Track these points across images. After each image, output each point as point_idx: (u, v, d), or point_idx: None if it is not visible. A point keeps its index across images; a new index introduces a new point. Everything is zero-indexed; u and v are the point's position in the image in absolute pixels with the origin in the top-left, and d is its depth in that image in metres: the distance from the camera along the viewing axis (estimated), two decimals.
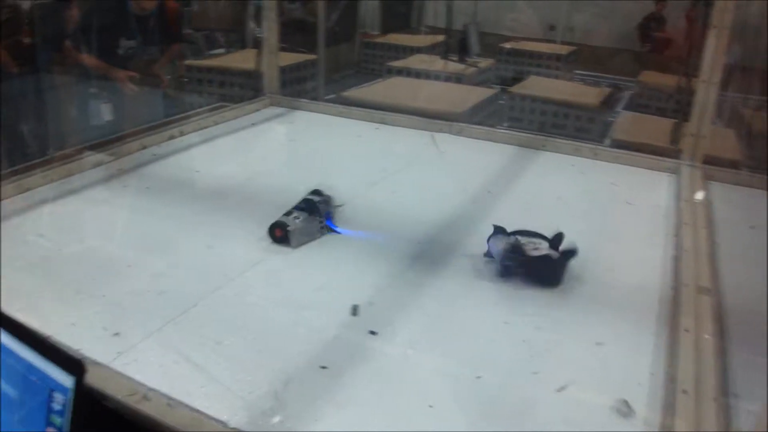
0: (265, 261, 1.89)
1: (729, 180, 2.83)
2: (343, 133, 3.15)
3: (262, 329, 1.58)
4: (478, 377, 1.46)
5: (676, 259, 2.04)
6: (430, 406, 1.36)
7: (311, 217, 2.03)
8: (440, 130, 3.21)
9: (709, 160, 2.92)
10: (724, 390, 1.46)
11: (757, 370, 1.63)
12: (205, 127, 3.00)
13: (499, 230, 1.95)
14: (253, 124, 3.15)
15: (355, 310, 1.67)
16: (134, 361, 1.42)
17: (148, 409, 1.27)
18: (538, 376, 1.48)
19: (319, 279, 1.82)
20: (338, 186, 2.41)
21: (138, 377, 1.36)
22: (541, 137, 3.17)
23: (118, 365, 1.40)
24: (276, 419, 1.30)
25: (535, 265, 1.83)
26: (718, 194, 2.63)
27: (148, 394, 1.30)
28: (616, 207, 2.51)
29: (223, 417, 1.27)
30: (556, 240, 1.93)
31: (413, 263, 1.94)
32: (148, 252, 1.91)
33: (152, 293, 1.69)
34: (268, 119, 3.24)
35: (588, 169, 2.91)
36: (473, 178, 2.65)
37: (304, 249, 1.98)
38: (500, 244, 1.88)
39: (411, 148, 2.98)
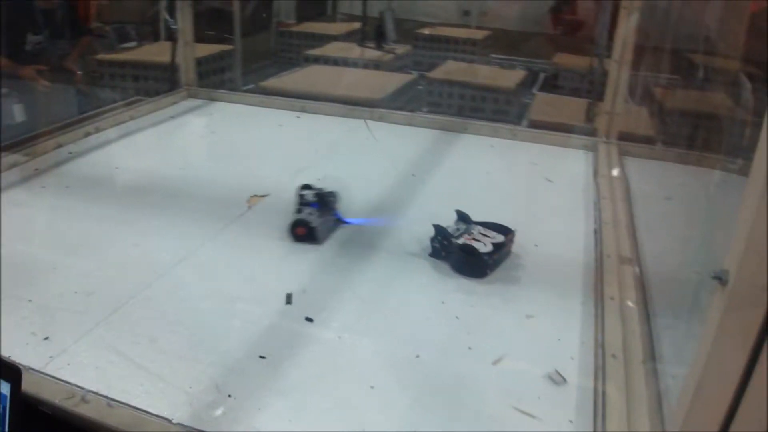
0: (194, 255, 1.85)
1: (643, 155, 2.95)
2: (264, 123, 3.12)
3: (196, 323, 1.55)
4: (417, 356, 1.48)
5: (598, 232, 2.12)
6: (372, 387, 1.38)
7: (324, 210, 2.00)
8: (361, 117, 3.23)
9: (624, 137, 3.03)
10: (651, 354, 1.53)
11: (678, 333, 1.71)
12: (122, 122, 2.91)
13: (462, 216, 1.96)
14: (171, 118, 3.09)
15: (288, 299, 1.66)
16: (67, 364, 1.38)
17: (87, 411, 1.24)
18: (474, 351, 1.52)
19: (250, 270, 1.80)
20: (263, 175, 2.41)
21: (73, 380, 1.32)
22: (461, 120, 3.21)
23: (51, 370, 1.35)
24: (219, 411, 1.28)
25: (457, 253, 1.85)
26: (633, 169, 2.74)
27: (86, 396, 1.27)
28: (537, 184, 2.57)
29: (166, 414, 1.25)
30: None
31: (343, 249, 1.95)
32: (72, 253, 1.85)
33: (80, 294, 1.64)
34: (186, 112, 3.18)
35: (508, 149, 2.98)
36: (397, 162, 2.67)
37: (231, 240, 1.96)
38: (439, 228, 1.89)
39: (333, 136, 2.98)
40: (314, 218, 1.95)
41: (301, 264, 1.84)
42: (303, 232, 1.94)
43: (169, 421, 1.24)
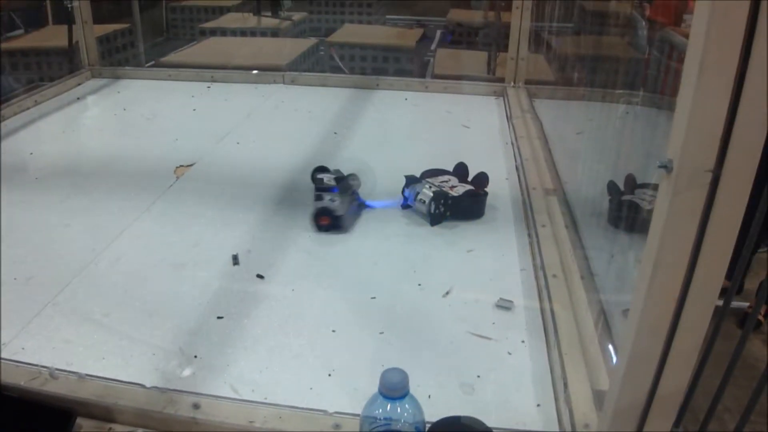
0: (131, 228, 1.85)
1: (551, 96, 3.08)
2: (175, 96, 3.07)
3: (147, 293, 1.56)
4: (372, 298, 1.55)
5: (520, 168, 2.23)
6: (333, 331, 1.43)
7: (345, 195, 1.88)
8: (273, 81, 3.23)
9: (530, 83, 3.16)
10: (588, 269, 1.64)
11: (603, 251, 1.84)
12: (27, 109, 2.81)
13: (410, 179, 1.99)
14: (78, 99, 3.00)
15: (235, 260, 1.69)
16: (21, 349, 1.36)
17: (56, 388, 1.23)
18: (424, 287, 1.60)
19: (190, 237, 1.81)
20: (184, 147, 2.40)
21: (33, 362, 1.31)
22: (373, 77, 3.26)
23: (6, 355, 1.33)
24: (188, 372, 1.31)
25: (461, 203, 1.91)
26: (543, 110, 2.86)
27: (54, 373, 1.26)
28: (455, 131, 2.67)
29: (137, 380, 1.26)
30: (461, 172, 2.04)
31: (279, 208, 1.99)
32: (2, 241, 1.80)
33: (19, 281, 1.60)
34: (92, 92, 3.10)
35: (421, 101, 3.06)
36: (316, 122, 2.71)
37: (167, 210, 1.96)
38: (422, 194, 1.92)
39: (247, 102, 2.97)
40: (338, 205, 1.84)
41: (240, 226, 1.86)
42: (327, 222, 1.83)
43: (143, 386, 1.25)
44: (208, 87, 3.18)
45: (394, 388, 0.91)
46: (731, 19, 0.69)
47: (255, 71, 3.28)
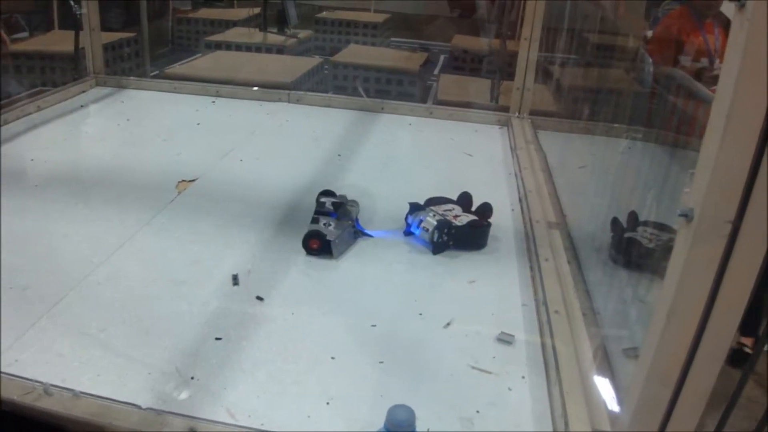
0: (131, 242, 1.83)
1: (555, 128, 3.10)
2: (179, 109, 3.07)
3: (144, 310, 1.54)
4: (373, 326, 1.53)
5: (523, 200, 2.23)
6: (333, 358, 1.42)
7: (342, 221, 1.87)
8: (279, 99, 3.24)
9: (535, 113, 3.17)
10: (590, 306, 1.64)
11: (606, 287, 1.84)
12: (29, 114, 2.81)
13: (414, 206, 1.99)
14: (81, 107, 2.99)
15: (235, 280, 1.68)
16: (15, 361, 1.34)
17: (50, 405, 1.21)
18: (425, 317, 1.59)
19: (191, 253, 1.80)
20: (187, 161, 2.39)
21: (27, 376, 1.29)
22: (378, 100, 3.27)
23: None
24: (185, 395, 1.29)
25: (465, 233, 1.91)
26: (547, 141, 2.87)
27: (48, 389, 1.25)
28: (457, 159, 2.67)
29: (133, 399, 1.25)
30: (465, 201, 2.04)
31: (282, 228, 1.98)
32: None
33: (15, 290, 1.58)
34: (96, 100, 3.09)
35: (425, 127, 3.07)
36: (320, 143, 2.71)
37: (168, 225, 1.95)
38: (425, 222, 1.92)
39: (252, 119, 2.97)
40: (331, 230, 1.82)
41: (241, 245, 1.85)
42: (317, 245, 1.81)
43: (138, 407, 1.24)
44: (213, 101, 3.18)
45: (401, 426, 0.90)
46: (760, 69, 0.69)
47: (256, 88, 3.28)
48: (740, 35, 0.70)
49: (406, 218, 1.99)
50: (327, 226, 1.84)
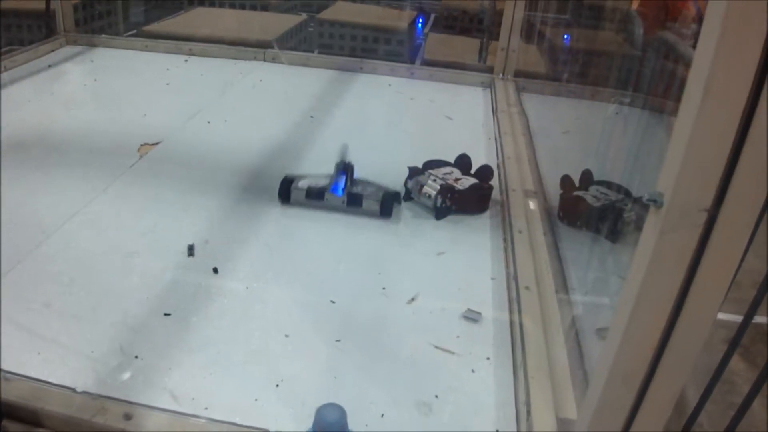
0: (85, 211, 1.72)
1: (540, 91, 2.97)
2: (150, 68, 2.92)
3: (93, 283, 1.44)
4: (332, 302, 1.44)
5: (501, 167, 2.12)
6: (287, 336, 1.32)
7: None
8: (254, 58, 3.09)
9: (520, 74, 3.04)
10: (563, 284, 1.54)
11: (583, 262, 1.74)
12: None
13: (413, 171, 1.90)
14: (49, 66, 2.84)
15: (190, 250, 1.57)
16: None
17: None
18: (388, 291, 1.49)
19: (146, 222, 1.69)
20: (153, 123, 2.27)
21: None
22: (358, 60, 3.13)
23: None
24: (126, 375, 1.19)
25: (467, 196, 1.83)
26: (531, 104, 2.75)
27: None
28: (437, 122, 2.55)
29: (68, 382, 1.15)
30: (463, 163, 1.95)
31: (244, 195, 1.87)
32: None
33: None
34: (65, 60, 2.93)
35: (405, 88, 2.93)
36: (293, 104, 2.58)
37: (125, 192, 1.83)
38: (427, 187, 1.83)
39: (224, 78, 2.83)
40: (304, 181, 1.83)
41: (200, 213, 1.74)
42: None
43: (73, 390, 1.14)
44: (186, 60, 3.03)
45: (330, 428, 0.80)
46: (746, 37, 0.57)
47: (230, 46, 3.12)
48: None
49: (405, 183, 1.89)
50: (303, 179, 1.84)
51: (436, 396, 1.21)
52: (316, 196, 1.79)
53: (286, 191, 1.80)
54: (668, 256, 0.68)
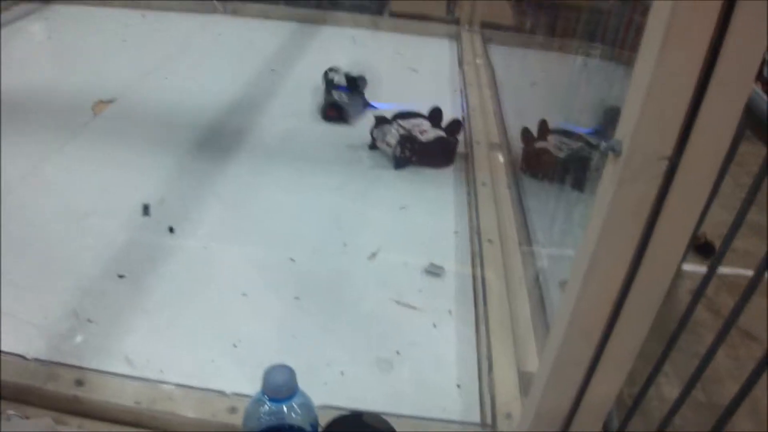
0: (37, 171, 1.64)
1: (507, 43, 2.90)
2: (105, 25, 2.78)
3: (45, 246, 1.38)
4: (291, 259, 1.39)
5: (466, 119, 2.07)
6: (244, 295, 1.28)
7: (354, 93, 2.06)
8: (213, 11, 2.97)
9: (487, 26, 2.97)
10: (526, 237, 1.51)
11: (549, 217, 1.71)
12: None
13: (380, 120, 1.86)
14: (2, 24, 2.69)
15: (146, 210, 1.51)
16: None
17: None
18: (349, 247, 1.45)
19: (100, 182, 1.62)
20: (107, 80, 2.17)
21: None
22: (321, 12, 3.03)
23: None
24: (79, 339, 1.15)
25: (430, 149, 1.78)
26: (498, 56, 2.69)
27: None
28: (401, 74, 2.48)
29: (20, 350, 1.10)
30: (435, 116, 1.89)
31: (201, 151, 1.80)
32: None
33: None
34: (19, 17, 2.77)
35: (370, 40, 2.85)
36: (254, 58, 2.49)
37: (78, 152, 1.74)
38: (388, 136, 1.80)
39: (182, 33, 2.72)
40: (344, 100, 2.02)
41: (156, 171, 1.67)
42: (333, 113, 2.00)
43: (24, 357, 1.09)
44: (143, 15, 2.90)
45: (279, 390, 0.76)
46: None
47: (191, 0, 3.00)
48: None
49: (371, 132, 1.85)
50: (341, 98, 2.02)
51: (398, 352, 1.18)
52: None
53: None
54: (627, 206, 0.64)
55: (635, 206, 0.64)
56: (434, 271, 1.39)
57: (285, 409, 0.77)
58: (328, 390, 1.09)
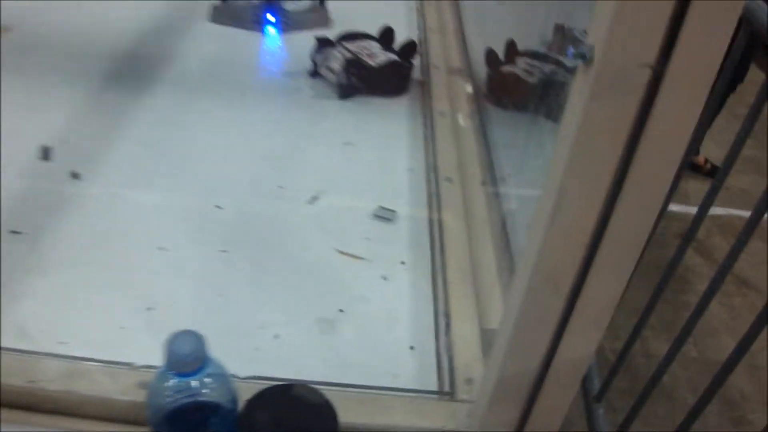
0: None
1: None
2: None
3: None
4: (218, 206, 1.32)
5: (422, 41, 1.99)
6: (161, 249, 1.21)
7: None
8: None
9: None
10: (491, 174, 1.44)
11: (517, 151, 1.64)
12: None
13: (323, 42, 1.78)
14: None
15: (45, 154, 1.41)
16: None
17: None
18: (285, 190, 1.39)
19: None
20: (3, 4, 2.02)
21: None
22: None
23: None
24: None
25: (379, 74, 1.71)
26: None
27: None
28: None
29: None
30: (386, 37, 1.81)
31: (113, 84, 1.69)
32: None
33: None
34: None
35: None
36: None
37: None
38: (332, 61, 1.72)
39: None
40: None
41: (60, 109, 1.56)
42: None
43: None
44: None
45: (184, 362, 0.69)
46: None
47: None
48: None
49: (312, 56, 1.77)
50: None
51: (341, 310, 1.12)
52: None
53: None
54: (601, 126, 0.57)
55: (611, 126, 0.57)
56: (384, 216, 1.33)
57: (194, 384, 0.70)
58: (260, 357, 1.02)
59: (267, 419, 0.77)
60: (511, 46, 1.78)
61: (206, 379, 0.71)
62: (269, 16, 1.93)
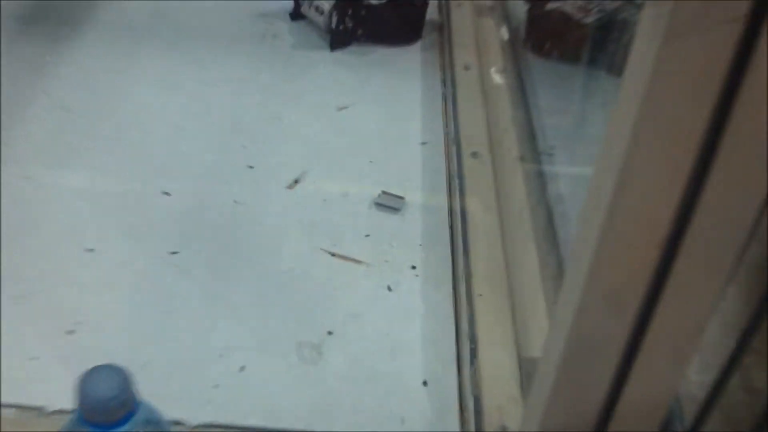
0: None
1: None
2: None
3: None
4: (166, 193, 1.35)
5: None
6: (90, 251, 1.24)
7: None
8: None
9: None
10: (532, 146, 1.46)
11: (568, 117, 1.65)
12: None
13: None
14: None
15: None
16: None
17: None
18: (257, 170, 1.44)
19: None
20: None
21: None
22: None
23: None
24: None
25: (383, 16, 1.74)
26: None
27: None
28: None
29: None
30: None
31: (24, 28, 1.76)
32: None
33: None
34: None
35: None
36: None
37: None
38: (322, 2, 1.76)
39: None
40: None
41: None
42: None
43: None
44: None
45: (102, 409, 0.67)
46: None
47: None
48: None
49: None
50: None
51: (330, 332, 1.15)
52: None
53: None
54: (681, 79, 0.54)
55: (694, 77, 0.54)
56: (389, 204, 1.36)
57: None
58: (219, 397, 1.04)
59: None
60: None
61: None
62: None
